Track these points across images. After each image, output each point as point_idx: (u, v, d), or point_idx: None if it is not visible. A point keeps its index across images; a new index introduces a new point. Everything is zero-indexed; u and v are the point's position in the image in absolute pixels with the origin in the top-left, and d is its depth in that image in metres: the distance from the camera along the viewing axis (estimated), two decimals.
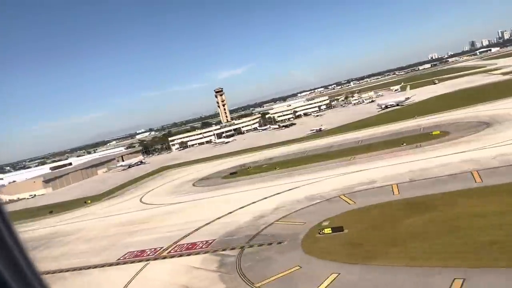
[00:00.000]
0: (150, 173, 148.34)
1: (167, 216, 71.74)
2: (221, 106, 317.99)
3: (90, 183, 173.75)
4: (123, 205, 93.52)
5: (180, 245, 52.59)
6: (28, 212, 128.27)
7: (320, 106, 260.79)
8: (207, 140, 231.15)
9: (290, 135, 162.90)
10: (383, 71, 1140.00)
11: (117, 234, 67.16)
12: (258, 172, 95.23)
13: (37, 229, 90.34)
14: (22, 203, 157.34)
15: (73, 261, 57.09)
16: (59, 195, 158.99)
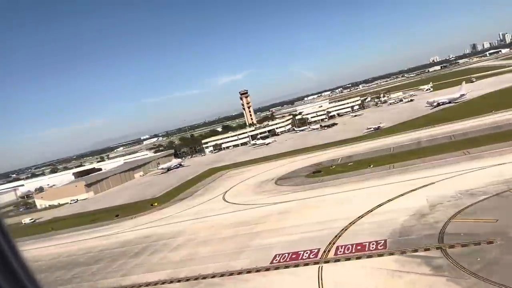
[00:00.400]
0: (203, 175, 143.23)
1: (281, 216, 66.65)
2: (246, 108, 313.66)
3: (134, 187, 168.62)
4: (209, 206, 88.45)
5: (341, 246, 47.44)
6: (88, 216, 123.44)
7: (353, 107, 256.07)
8: (242, 142, 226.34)
9: (341, 135, 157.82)
10: (387, 74, 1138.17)
11: (236, 235, 62.01)
12: (347, 170, 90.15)
13: (120, 233, 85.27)
14: (70, 208, 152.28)
15: (210, 266, 51.88)
16: (105, 199, 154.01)
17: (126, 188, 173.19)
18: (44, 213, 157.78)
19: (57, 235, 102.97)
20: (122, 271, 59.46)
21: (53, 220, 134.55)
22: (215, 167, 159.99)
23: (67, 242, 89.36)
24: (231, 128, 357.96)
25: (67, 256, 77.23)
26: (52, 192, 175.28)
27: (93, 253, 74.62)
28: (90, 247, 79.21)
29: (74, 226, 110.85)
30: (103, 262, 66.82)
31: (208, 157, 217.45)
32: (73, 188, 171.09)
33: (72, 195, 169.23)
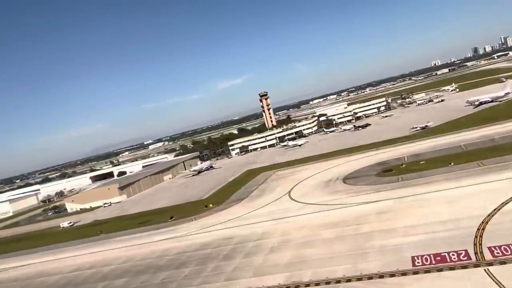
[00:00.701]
0: (246, 177, 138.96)
1: (383, 216, 62.31)
2: (266, 110, 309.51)
3: (168, 189, 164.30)
4: (279, 207, 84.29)
5: (495, 247, 43.08)
6: (133, 219, 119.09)
7: (379, 107, 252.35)
8: (269, 144, 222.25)
9: (384, 135, 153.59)
10: (390, 78, 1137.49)
11: (343, 236, 57.69)
12: (424, 168, 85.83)
13: (191, 235, 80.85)
14: (106, 211, 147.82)
15: (336, 268, 47.52)
16: (143, 201, 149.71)
17: (159, 190, 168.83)
18: (78, 216, 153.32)
19: (111, 238, 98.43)
20: (223, 275, 55.07)
21: (95, 223, 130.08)
22: (252, 169, 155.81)
23: (131, 245, 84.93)
24: (248, 131, 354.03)
25: (141, 259, 72.75)
26: (83, 196, 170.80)
27: (171, 256, 70.20)
28: (164, 250, 74.77)
29: (124, 229, 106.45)
30: (191, 265, 62.42)
31: (235, 159, 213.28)
32: (106, 191, 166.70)
33: (105, 198, 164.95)
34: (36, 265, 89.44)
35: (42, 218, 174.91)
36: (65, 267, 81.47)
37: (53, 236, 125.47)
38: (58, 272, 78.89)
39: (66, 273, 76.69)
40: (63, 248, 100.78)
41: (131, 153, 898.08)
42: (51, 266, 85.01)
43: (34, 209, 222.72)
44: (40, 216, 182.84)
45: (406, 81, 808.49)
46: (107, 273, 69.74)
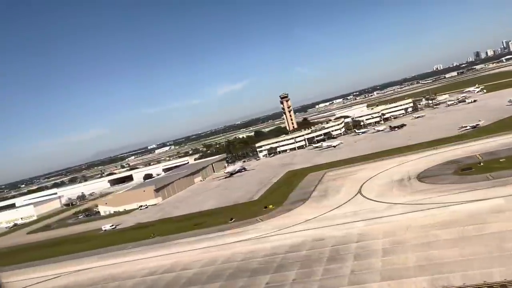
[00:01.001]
0: (293, 178, 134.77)
1: (504, 215, 57.99)
2: (286, 112, 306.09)
3: (206, 191, 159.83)
4: (359, 207, 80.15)
5: None
6: (183, 221, 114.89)
7: (406, 109, 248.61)
8: (298, 145, 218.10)
9: (427, 135, 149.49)
10: (392, 82, 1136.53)
11: (471, 237, 53.37)
12: (507, 167, 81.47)
13: (269, 236, 76.47)
14: (147, 214, 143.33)
15: (492, 271, 43.19)
16: (184, 203, 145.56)
17: (195, 192, 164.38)
18: (115, 219, 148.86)
19: (171, 241, 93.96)
20: (343, 278, 50.68)
21: (140, 226, 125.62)
22: (293, 170, 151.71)
23: (204, 247, 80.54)
24: (264, 133, 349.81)
25: (224, 262, 68.33)
26: (117, 198, 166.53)
27: (260, 258, 65.86)
28: (246, 252, 70.40)
29: (177, 232, 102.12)
30: (293, 268, 58.01)
31: (265, 161, 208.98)
32: (141, 194, 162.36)
33: (140, 201, 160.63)
34: (98, 269, 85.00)
35: (74, 222, 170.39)
36: (137, 270, 77.01)
37: (99, 239, 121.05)
38: (131, 276, 74.51)
39: (142, 277, 72.33)
40: (119, 252, 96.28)
41: (137, 157, 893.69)
42: (118, 270, 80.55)
43: (58, 213, 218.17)
44: (70, 220, 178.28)
45: (414, 85, 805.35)
46: (192, 277, 65.37)
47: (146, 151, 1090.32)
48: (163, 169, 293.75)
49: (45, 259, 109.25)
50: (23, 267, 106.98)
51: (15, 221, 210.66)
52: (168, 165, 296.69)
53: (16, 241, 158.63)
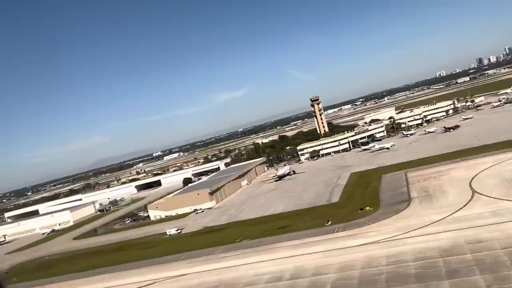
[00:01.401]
0: (361, 180, 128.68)
1: None
2: (318, 115, 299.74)
3: (265, 194, 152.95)
4: (490, 207, 73.12)
5: None
6: (259, 224, 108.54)
7: (447, 111, 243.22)
8: (342, 148, 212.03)
9: (491, 135, 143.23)
10: (396, 88, 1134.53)
11: None
12: None
13: (396, 240, 69.55)
14: (208, 218, 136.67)
15: None
16: (245, 206, 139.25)
17: (250, 196, 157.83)
18: (171, 223, 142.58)
19: (268, 245, 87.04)
20: None
21: (209, 230, 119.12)
22: (358, 172, 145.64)
23: (319, 251, 73.90)
24: (287, 138, 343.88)
25: (365, 266, 61.63)
26: (168, 202, 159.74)
27: (410, 262, 59.25)
28: (388, 256, 63.69)
29: (265, 236, 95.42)
30: (473, 273, 51.48)
31: (310, 164, 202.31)
32: (195, 197, 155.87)
33: (193, 204, 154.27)
34: (200, 275, 78.32)
35: (123, 227, 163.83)
36: (250, 276, 70.24)
37: (170, 244, 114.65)
38: (251, 282, 67.78)
39: (265, 284, 65.69)
40: (212, 256, 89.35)
41: (145, 164, 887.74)
42: (229, 275, 73.89)
43: (94, 219, 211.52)
44: (116, 225, 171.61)
45: (425, 90, 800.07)
46: (338, 284, 58.74)
47: (151, 158, 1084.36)
48: (192, 174, 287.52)
49: (117, 265, 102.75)
50: (95, 274, 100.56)
51: (52, 227, 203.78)
52: (198, 170, 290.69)
53: (65, 247, 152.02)
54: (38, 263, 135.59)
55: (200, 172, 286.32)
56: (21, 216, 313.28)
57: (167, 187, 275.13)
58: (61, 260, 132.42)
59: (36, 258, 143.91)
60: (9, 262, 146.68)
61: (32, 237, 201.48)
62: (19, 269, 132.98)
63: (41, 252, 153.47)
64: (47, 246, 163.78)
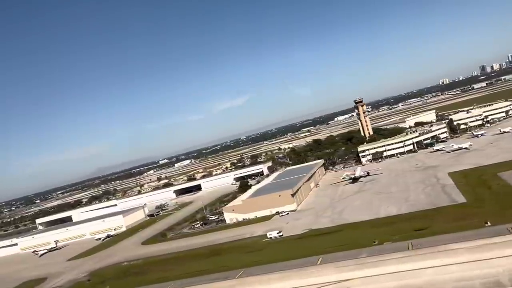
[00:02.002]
0: (479, 180, 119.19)
1: None
2: (362, 117, 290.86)
3: (358, 196, 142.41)
4: None
5: None
6: (381, 226, 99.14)
7: (507, 111, 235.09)
8: (407, 149, 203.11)
9: None
10: (400, 96, 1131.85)
11: None
12: None
13: None
14: (300, 221, 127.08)
15: None
16: (340, 209, 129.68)
17: (334, 198, 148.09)
18: (251, 227, 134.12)
19: (430, 247, 77.67)
20: None
21: (317, 233, 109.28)
22: (460, 171, 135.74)
23: None
24: (321, 141, 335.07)
25: None
26: (246, 205, 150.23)
27: None
28: None
29: (406, 239, 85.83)
30: None
31: (378, 165, 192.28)
32: (275, 199, 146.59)
33: (274, 207, 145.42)
34: (372, 280, 68.93)
35: (195, 231, 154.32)
36: (453, 281, 61.24)
37: (277, 247, 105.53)
38: None
39: None
40: (354, 261, 79.38)
41: (155, 171, 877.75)
42: (412, 282, 64.51)
43: (147, 223, 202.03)
44: (185, 229, 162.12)
45: (440, 96, 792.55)
46: None
47: (159, 166, 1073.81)
48: (234, 178, 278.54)
49: (230, 270, 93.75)
50: (212, 279, 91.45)
51: (107, 232, 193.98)
52: (240, 174, 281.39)
53: (138, 252, 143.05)
54: (119, 270, 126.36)
55: (242, 176, 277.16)
56: (53, 222, 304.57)
57: (209, 191, 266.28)
58: (145, 265, 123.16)
59: (112, 265, 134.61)
60: (82, 269, 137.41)
61: (85, 242, 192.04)
62: (100, 276, 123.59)
63: (113, 258, 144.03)
64: (115, 252, 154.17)
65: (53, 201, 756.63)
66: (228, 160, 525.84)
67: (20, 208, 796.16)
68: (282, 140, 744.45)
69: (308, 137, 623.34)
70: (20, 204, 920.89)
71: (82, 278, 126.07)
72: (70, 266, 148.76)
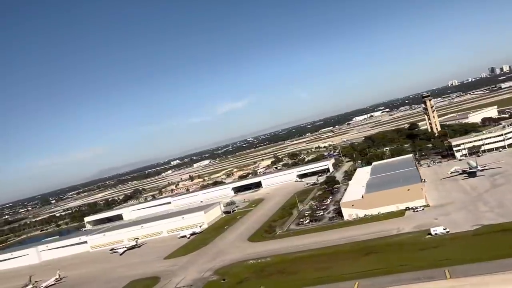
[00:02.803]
0: None
1: None
2: (430, 112, 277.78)
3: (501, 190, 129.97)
4: None
5: None
6: None
7: None
8: (508, 143, 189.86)
9: None
10: (407, 97, 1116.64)
11: None
12: None
13: None
14: (457, 215, 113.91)
15: None
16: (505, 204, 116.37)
17: (464, 193, 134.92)
18: (381, 224, 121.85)
19: None
20: None
21: (494, 230, 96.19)
22: None
23: None
24: (372, 138, 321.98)
25: None
26: (367, 200, 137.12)
27: None
28: None
29: None
30: None
31: (479, 160, 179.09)
32: (403, 193, 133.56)
33: (402, 202, 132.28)
34: None
35: (306, 228, 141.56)
36: None
37: (457, 246, 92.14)
38: None
39: None
40: None
41: (174, 171, 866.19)
42: None
43: (227, 221, 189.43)
44: (292, 225, 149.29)
45: (464, 97, 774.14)
46: None
47: (175, 166, 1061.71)
48: (297, 174, 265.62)
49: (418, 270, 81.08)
50: None
51: (187, 229, 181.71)
52: (303, 170, 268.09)
53: (257, 250, 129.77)
54: (249, 268, 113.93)
55: (305, 173, 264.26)
56: (100, 221, 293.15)
57: (272, 188, 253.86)
58: (281, 264, 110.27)
59: (235, 263, 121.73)
60: (200, 268, 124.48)
61: (165, 240, 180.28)
62: (232, 275, 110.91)
63: (227, 255, 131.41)
64: (223, 249, 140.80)
65: (71, 201, 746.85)
66: (261, 159, 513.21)
67: (38, 208, 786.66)
68: (304, 140, 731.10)
69: (333, 137, 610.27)
70: (35, 204, 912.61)
71: (210, 277, 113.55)
72: (176, 264, 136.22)
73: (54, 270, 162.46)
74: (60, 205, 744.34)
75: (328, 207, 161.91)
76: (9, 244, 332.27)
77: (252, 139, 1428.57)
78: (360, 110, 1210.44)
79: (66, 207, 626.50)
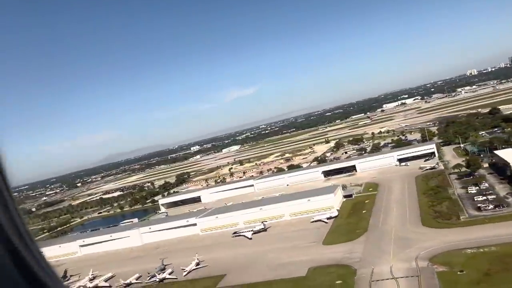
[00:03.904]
0: None
1: None
2: None
3: None
4: None
5: None
6: None
7: None
8: None
9: None
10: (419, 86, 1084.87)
11: None
12: None
13: None
14: None
15: None
16: None
17: None
18: None
19: None
20: None
21: None
22: None
23: None
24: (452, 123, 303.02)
25: None
26: None
27: None
28: None
29: None
30: None
31: None
32: None
33: None
34: None
35: (495, 214, 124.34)
36: None
37: None
38: None
39: None
40: None
41: (202, 156, 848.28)
42: None
43: (351, 204, 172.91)
44: (471, 210, 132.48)
45: (509, 84, 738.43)
46: None
47: (198, 152, 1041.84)
48: (398, 158, 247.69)
49: None
50: None
51: (318, 212, 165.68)
52: (404, 154, 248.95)
53: (453, 238, 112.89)
54: (483, 257, 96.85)
55: (407, 157, 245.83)
56: (174, 204, 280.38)
57: (369, 172, 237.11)
58: None
59: (450, 251, 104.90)
60: (404, 256, 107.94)
61: (292, 224, 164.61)
62: (473, 267, 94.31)
63: (421, 243, 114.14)
64: (405, 236, 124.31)
65: (101, 185, 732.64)
66: (312, 144, 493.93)
67: (67, 190, 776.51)
68: (339, 127, 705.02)
69: (370, 124, 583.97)
70: (60, 187, 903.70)
71: (428, 267, 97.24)
72: (351, 251, 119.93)
73: (163, 253, 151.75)
74: (92, 188, 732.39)
75: (496, 192, 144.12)
76: (72, 226, 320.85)
77: (264, 126, 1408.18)
78: (374, 99, 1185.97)
79: (103, 189, 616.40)
